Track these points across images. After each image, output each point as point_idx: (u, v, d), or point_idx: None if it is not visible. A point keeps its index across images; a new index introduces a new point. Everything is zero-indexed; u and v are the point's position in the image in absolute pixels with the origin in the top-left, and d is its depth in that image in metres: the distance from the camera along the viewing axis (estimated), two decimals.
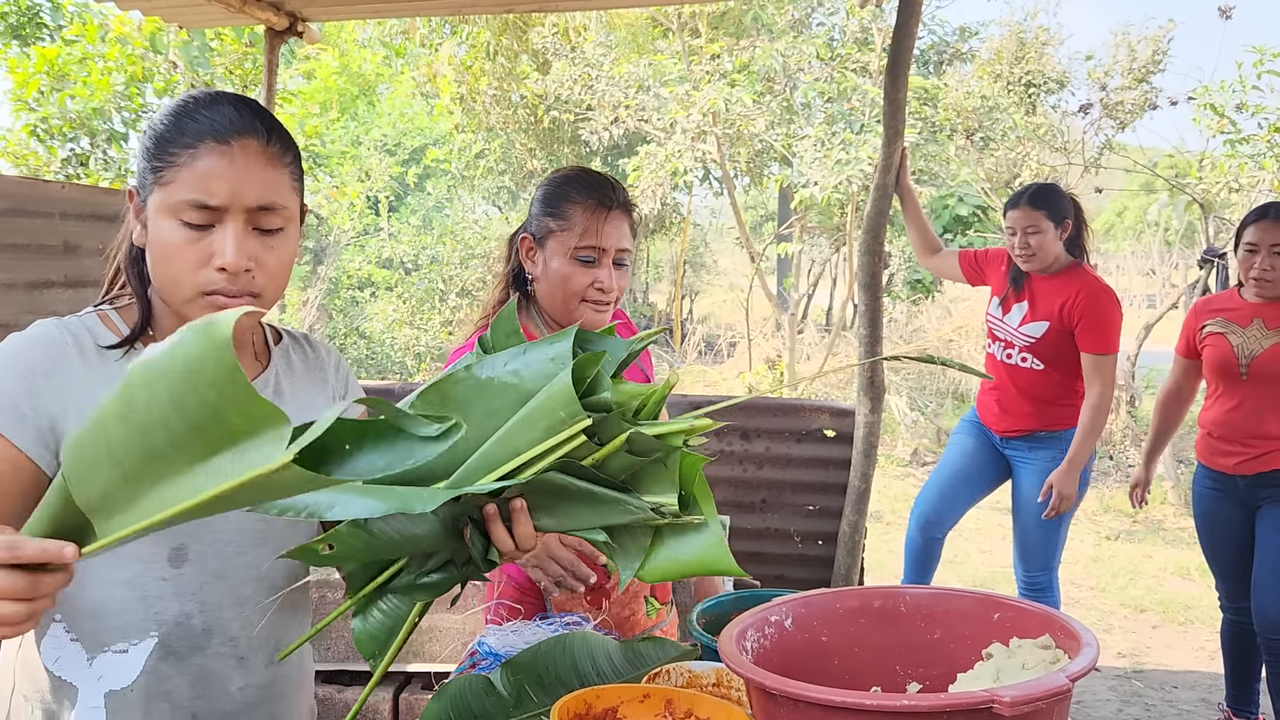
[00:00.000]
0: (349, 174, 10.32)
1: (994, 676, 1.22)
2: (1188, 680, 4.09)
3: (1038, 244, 3.27)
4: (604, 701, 1.26)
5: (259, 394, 0.74)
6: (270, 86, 4.28)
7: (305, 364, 1.39)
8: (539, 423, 0.97)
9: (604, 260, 1.73)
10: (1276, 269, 2.99)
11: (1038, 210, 3.27)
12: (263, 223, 1.17)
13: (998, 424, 3.45)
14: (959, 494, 3.55)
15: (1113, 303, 3.26)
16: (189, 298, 1.16)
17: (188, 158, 1.14)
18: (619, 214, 1.75)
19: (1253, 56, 6.47)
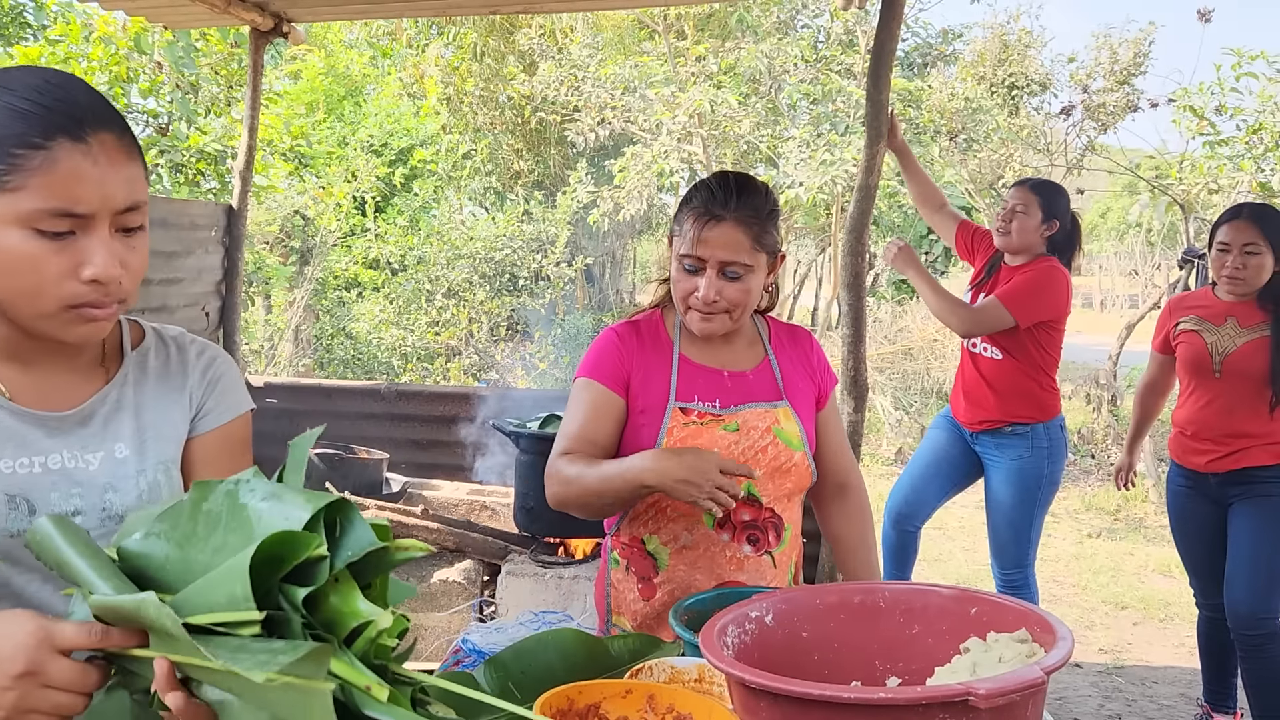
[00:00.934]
0: (335, 175, 10.30)
1: (971, 670, 1.24)
2: (1168, 676, 4.13)
3: (1018, 225, 3.32)
4: (586, 697, 1.27)
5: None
6: (256, 87, 4.28)
7: (163, 370, 1.28)
8: (219, 589, 0.85)
9: (705, 269, 1.72)
10: (1248, 268, 3.03)
11: (1034, 194, 3.33)
12: (127, 222, 1.07)
13: (966, 416, 3.50)
14: (930, 487, 3.58)
15: (1049, 281, 3.28)
16: (50, 312, 1.05)
17: (41, 159, 1.00)
18: (730, 224, 1.70)
19: (1231, 59, 6.53)
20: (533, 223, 10.24)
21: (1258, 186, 6.44)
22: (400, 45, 11.59)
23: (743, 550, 1.80)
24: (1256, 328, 3.06)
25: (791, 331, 1.95)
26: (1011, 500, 3.40)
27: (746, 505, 1.79)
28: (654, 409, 1.79)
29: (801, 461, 1.82)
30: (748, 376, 1.83)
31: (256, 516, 0.89)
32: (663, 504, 1.78)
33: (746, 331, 1.88)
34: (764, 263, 1.75)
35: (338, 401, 4.42)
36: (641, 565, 1.83)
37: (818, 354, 1.94)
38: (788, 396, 1.84)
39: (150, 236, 1.14)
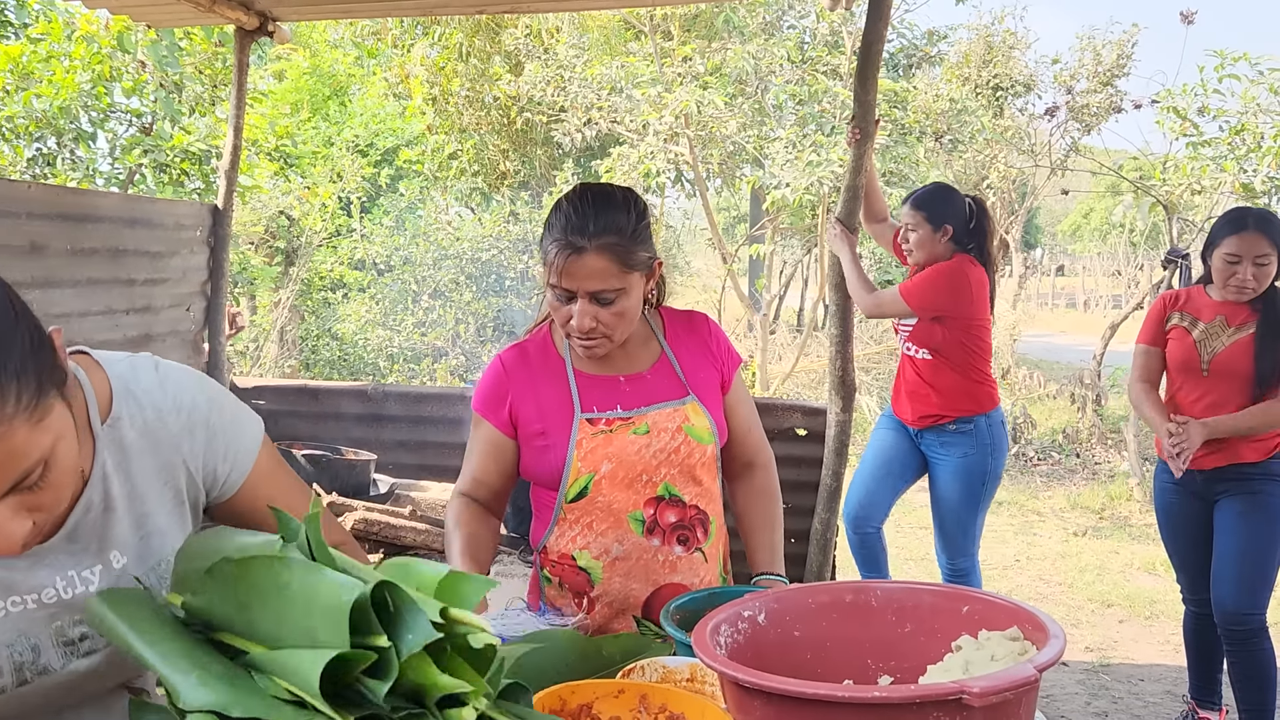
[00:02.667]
0: (321, 175, 10.25)
1: (963, 668, 1.24)
2: (1154, 673, 4.16)
3: (915, 241, 3.51)
4: (579, 697, 1.27)
5: None
6: (241, 86, 4.26)
7: (144, 441, 1.15)
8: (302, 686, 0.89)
9: (578, 298, 1.68)
10: (1258, 278, 3.02)
11: (919, 211, 3.50)
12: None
13: (909, 414, 3.61)
14: (883, 486, 3.68)
15: (946, 275, 3.41)
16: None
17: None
18: (593, 254, 1.65)
19: (1214, 60, 6.58)
20: (519, 223, 10.23)
21: (1240, 187, 6.48)
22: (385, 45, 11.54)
23: (674, 552, 1.81)
24: (1244, 326, 3.08)
25: (689, 319, 1.93)
26: (957, 496, 3.53)
27: (671, 506, 1.80)
28: (556, 428, 1.78)
29: (713, 453, 1.84)
30: (646, 377, 1.83)
31: (304, 601, 0.93)
32: (588, 519, 1.78)
33: (639, 332, 1.85)
34: (638, 280, 1.72)
35: (324, 403, 4.40)
36: (575, 581, 1.82)
37: (717, 338, 1.92)
38: (693, 390, 1.83)
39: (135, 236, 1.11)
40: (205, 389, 1.21)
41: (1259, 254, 3.01)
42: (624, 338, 1.76)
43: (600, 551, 1.79)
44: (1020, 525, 6.53)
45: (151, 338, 3.94)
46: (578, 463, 1.75)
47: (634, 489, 1.77)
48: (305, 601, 0.93)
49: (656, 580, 1.80)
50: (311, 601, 0.92)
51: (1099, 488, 7.37)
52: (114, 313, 3.70)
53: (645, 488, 1.78)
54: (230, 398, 1.25)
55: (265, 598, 0.96)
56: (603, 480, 1.76)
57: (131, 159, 6.54)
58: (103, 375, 1.14)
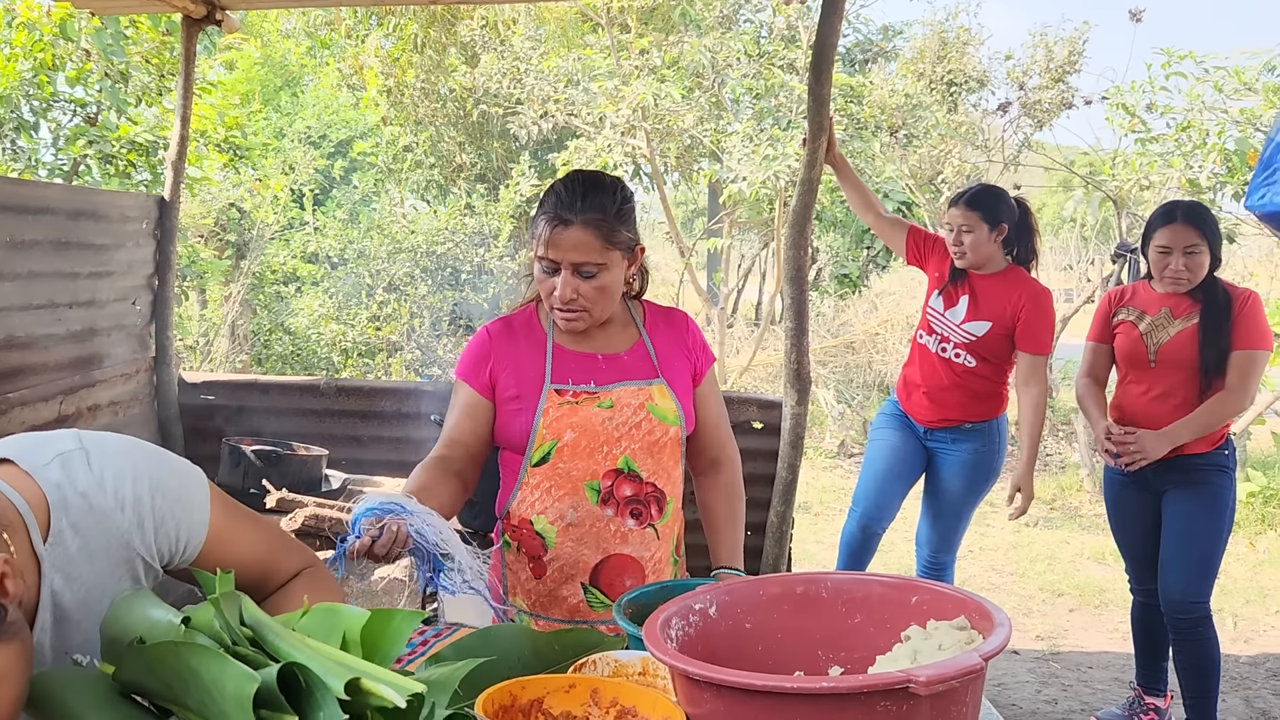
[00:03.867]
0: (272, 167, 10.10)
1: (911, 658, 1.25)
2: (1102, 660, 4.23)
3: (970, 243, 3.39)
4: (529, 693, 1.26)
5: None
6: (188, 76, 4.18)
7: (92, 546, 1.11)
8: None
9: (561, 271, 1.80)
10: (1190, 268, 3.10)
11: (974, 211, 3.40)
12: None
13: (925, 414, 3.54)
14: (894, 489, 3.64)
15: (1052, 305, 3.44)
16: None
17: None
18: (578, 227, 1.78)
19: (1161, 58, 6.69)
20: (475, 216, 10.16)
21: (1186, 183, 6.61)
22: (339, 35, 11.40)
23: (626, 524, 1.89)
24: (1188, 317, 3.15)
25: (668, 314, 2.03)
26: (959, 490, 3.51)
27: (628, 480, 1.87)
28: (529, 394, 1.88)
29: (676, 436, 1.91)
30: (622, 357, 1.92)
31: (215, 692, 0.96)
32: (547, 484, 1.87)
33: (619, 317, 1.96)
34: (619, 259, 1.83)
35: (276, 398, 4.33)
36: (531, 545, 1.91)
37: (694, 334, 2.02)
38: (664, 374, 1.92)
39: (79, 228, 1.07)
40: (144, 473, 1.16)
41: (1188, 244, 3.09)
42: (603, 314, 1.87)
43: (556, 517, 1.88)
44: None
45: (96, 332, 3.85)
46: (543, 429, 1.85)
47: (594, 459, 1.86)
48: (214, 688, 0.95)
49: (606, 549, 1.89)
50: (220, 689, 0.95)
51: (1050, 479, 7.49)
52: (57, 306, 3.61)
53: (605, 459, 1.86)
54: (169, 467, 1.21)
55: (180, 679, 0.97)
56: (565, 447, 1.85)
57: (76, 149, 6.39)
58: (34, 487, 1.08)
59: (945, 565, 3.65)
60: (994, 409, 3.48)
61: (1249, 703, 3.82)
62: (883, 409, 3.78)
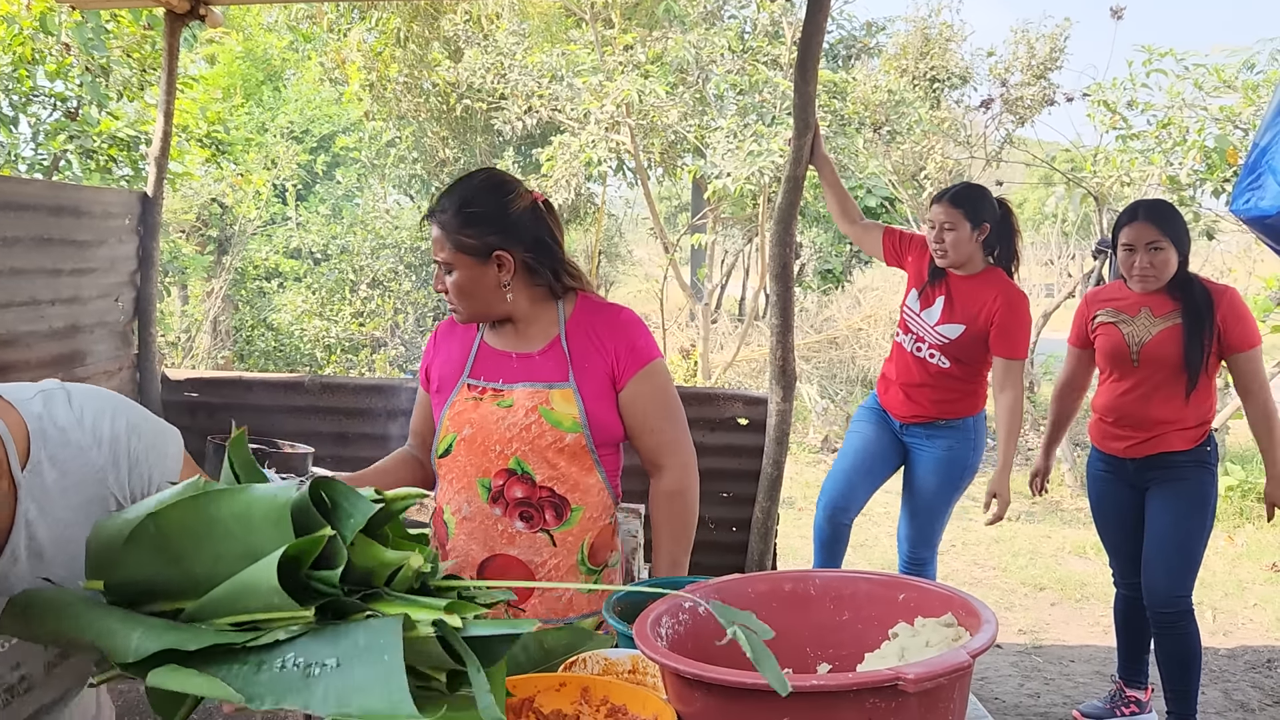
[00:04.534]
0: (254, 162, 10.04)
1: (899, 655, 1.26)
2: (1083, 654, 4.27)
3: (952, 241, 3.37)
4: (521, 691, 1.26)
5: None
6: (171, 71, 4.15)
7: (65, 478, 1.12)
8: (254, 597, 0.91)
9: (441, 268, 1.91)
10: (1155, 265, 3.15)
11: (957, 209, 3.37)
12: None
13: (900, 410, 3.55)
14: (864, 480, 3.64)
15: (1027, 308, 3.40)
16: None
17: None
18: (434, 225, 1.89)
19: (1142, 56, 6.74)
20: None
21: (1167, 180, 6.66)
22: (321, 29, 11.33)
23: (515, 525, 1.89)
24: (1169, 316, 3.18)
25: (604, 312, 1.96)
26: (936, 486, 3.51)
27: (520, 482, 1.87)
28: (448, 388, 1.96)
29: (579, 443, 1.87)
30: (534, 357, 1.92)
31: (239, 526, 0.94)
32: (450, 476, 1.91)
33: (542, 316, 1.95)
34: (469, 262, 1.86)
35: (259, 395, 4.31)
36: (440, 533, 1.97)
37: (626, 336, 1.93)
38: (576, 378, 1.88)
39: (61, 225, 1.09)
40: (121, 414, 1.18)
41: (1149, 240, 3.13)
42: (473, 311, 1.91)
43: (456, 508, 1.93)
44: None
45: (79, 329, 3.82)
46: (448, 422, 1.92)
47: (486, 456, 1.88)
48: (242, 523, 0.94)
49: (493, 548, 1.90)
50: (248, 520, 0.94)
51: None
52: (39, 304, 3.58)
53: (497, 458, 1.87)
54: (146, 416, 1.22)
55: (197, 539, 0.96)
56: (463, 442, 1.90)
57: (56, 145, 6.34)
58: (17, 417, 1.09)
59: (926, 561, 3.66)
60: (970, 407, 3.48)
61: (1228, 694, 3.86)
62: (864, 403, 3.79)
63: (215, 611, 0.94)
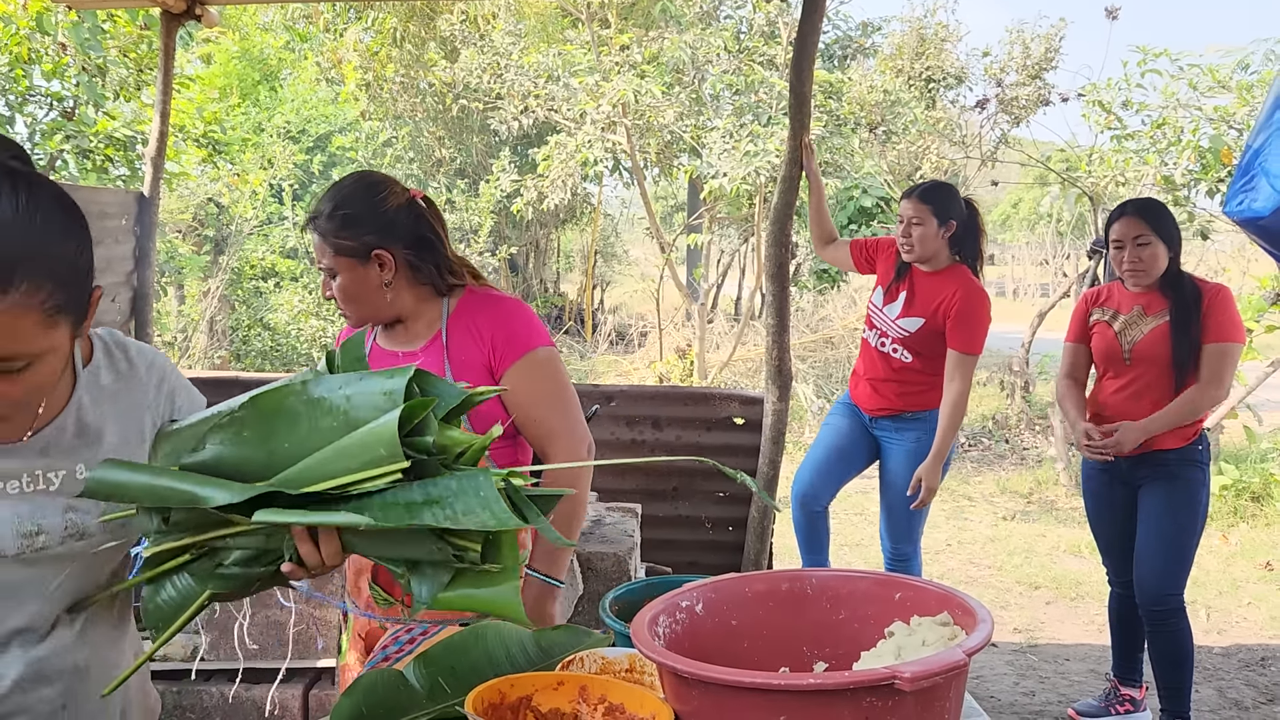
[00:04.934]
0: (251, 161, 10.03)
1: (896, 654, 1.27)
2: (1078, 653, 4.28)
3: (919, 236, 3.43)
4: (518, 690, 1.27)
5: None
6: (167, 71, 4.15)
7: (118, 385, 1.32)
8: (358, 455, 1.03)
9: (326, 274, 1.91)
10: (1143, 259, 3.18)
11: (925, 205, 3.44)
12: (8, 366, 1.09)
13: (868, 403, 3.64)
14: (833, 469, 3.70)
15: (985, 306, 3.46)
16: None
17: None
18: (315, 235, 1.90)
19: (1136, 56, 6.76)
20: (456, 211, 10.14)
21: (1161, 180, 6.68)
22: (317, 29, 11.33)
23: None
24: (1160, 314, 3.20)
25: (489, 305, 1.93)
26: (909, 477, 3.54)
27: None
28: None
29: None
30: (417, 355, 1.92)
31: (344, 401, 1.09)
32: None
33: (426, 313, 1.94)
34: (350, 264, 1.88)
35: None
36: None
37: (503, 324, 1.91)
38: (453, 372, 1.87)
39: None
40: (175, 372, 1.41)
41: (1135, 235, 3.18)
42: (360, 315, 1.92)
43: None
44: (951, 510, 6.67)
45: None
46: None
47: None
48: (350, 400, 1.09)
49: None
50: (359, 397, 1.08)
51: (1027, 472, 7.56)
52: None
53: None
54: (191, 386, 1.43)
55: (293, 418, 1.10)
56: None
57: (53, 144, 6.33)
58: (88, 341, 1.33)
59: (909, 556, 3.70)
60: (935, 400, 3.53)
61: (1222, 693, 3.88)
62: (838, 399, 3.87)
63: (299, 482, 1.05)
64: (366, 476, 1.03)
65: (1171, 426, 3.16)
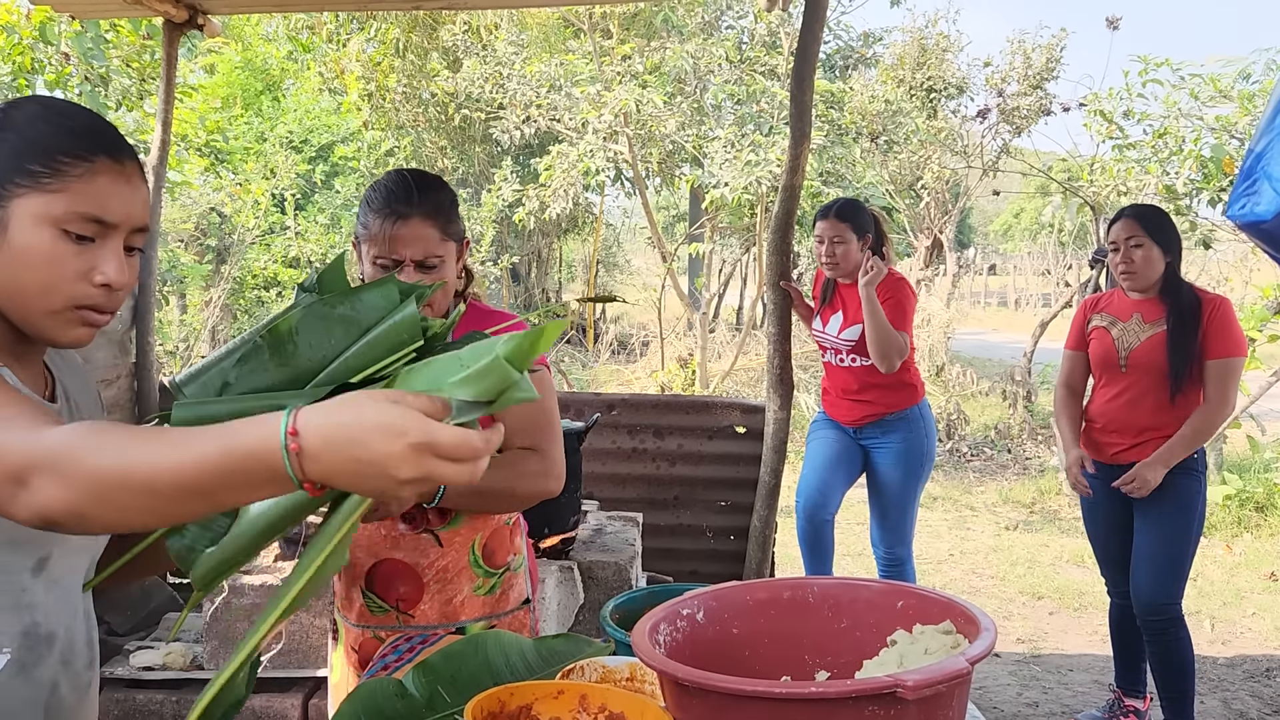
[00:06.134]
0: (253, 171, 10.05)
1: (898, 662, 1.26)
2: (1082, 663, 4.27)
3: (842, 253, 3.61)
4: (518, 699, 1.26)
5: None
6: (169, 80, 4.16)
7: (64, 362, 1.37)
8: (383, 344, 1.21)
9: (404, 269, 1.74)
10: (1135, 260, 3.21)
11: (844, 223, 3.62)
12: (135, 241, 1.19)
13: (850, 415, 3.73)
14: (836, 477, 3.77)
15: (905, 287, 3.61)
16: (59, 309, 1.13)
17: (84, 170, 1.11)
18: (418, 219, 1.74)
19: (1138, 66, 6.76)
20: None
21: (1163, 189, 6.68)
22: (320, 39, 11.36)
23: (398, 528, 1.81)
24: (1157, 323, 3.20)
25: (488, 318, 1.92)
26: (899, 479, 3.66)
27: None
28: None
29: None
30: None
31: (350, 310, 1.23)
32: None
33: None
34: (454, 250, 1.81)
35: None
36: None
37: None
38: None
39: None
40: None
41: (1129, 236, 3.21)
42: (441, 310, 1.82)
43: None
44: (954, 520, 6.65)
45: None
46: None
47: None
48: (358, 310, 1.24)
49: (378, 553, 1.82)
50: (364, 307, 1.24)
51: (1030, 482, 7.55)
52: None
53: None
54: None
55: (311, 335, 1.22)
56: None
57: None
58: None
59: (903, 560, 3.76)
60: (911, 396, 3.67)
61: (1227, 704, 3.86)
62: (814, 419, 3.95)
63: (342, 377, 1.19)
64: (395, 359, 1.21)
65: (1187, 453, 3.16)
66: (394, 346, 1.23)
